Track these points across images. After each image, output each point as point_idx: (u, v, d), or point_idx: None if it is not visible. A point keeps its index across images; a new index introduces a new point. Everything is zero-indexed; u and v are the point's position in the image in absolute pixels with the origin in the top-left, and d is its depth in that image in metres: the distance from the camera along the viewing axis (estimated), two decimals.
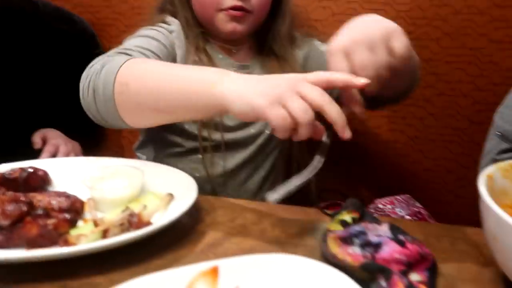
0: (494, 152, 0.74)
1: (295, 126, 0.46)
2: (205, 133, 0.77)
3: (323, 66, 0.79)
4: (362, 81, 0.46)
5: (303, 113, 0.45)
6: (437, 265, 0.41)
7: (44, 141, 0.92)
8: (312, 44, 0.88)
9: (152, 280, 0.37)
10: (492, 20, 0.90)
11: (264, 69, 0.84)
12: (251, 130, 0.82)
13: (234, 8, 0.76)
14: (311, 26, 1.00)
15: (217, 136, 0.78)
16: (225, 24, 0.78)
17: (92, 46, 1.06)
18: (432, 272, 0.41)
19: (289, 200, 0.65)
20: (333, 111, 0.45)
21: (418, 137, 0.99)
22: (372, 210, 0.88)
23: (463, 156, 0.97)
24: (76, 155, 0.90)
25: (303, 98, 0.45)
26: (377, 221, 0.46)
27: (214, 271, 0.39)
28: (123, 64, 0.57)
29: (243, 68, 0.84)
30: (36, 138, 0.92)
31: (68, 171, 0.65)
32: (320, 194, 1.04)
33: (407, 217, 0.86)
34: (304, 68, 0.85)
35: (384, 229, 0.42)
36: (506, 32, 0.90)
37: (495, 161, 0.74)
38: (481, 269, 0.45)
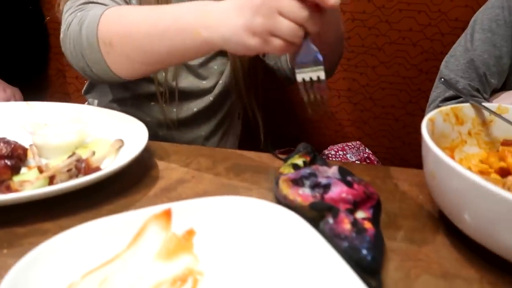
0: (439, 100, 0.78)
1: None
2: (160, 79, 0.75)
3: None
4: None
5: (294, 35, 0.45)
6: (381, 203, 0.44)
7: None
8: None
9: (103, 224, 0.36)
10: (422, 51, 0.92)
11: None
12: (205, 83, 0.80)
13: None
14: None
15: (172, 83, 0.75)
16: None
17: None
18: (377, 210, 0.43)
19: (243, 146, 0.65)
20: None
21: (370, 85, 1.02)
22: (324, 157, 0.91)
23: (411, 104, 1.01)
24: (17, 101, 0.84)
25: (285, 16, 0.45)
26: (327, 164, 0.48)
27: (167, 214, 0.39)
28: (99, 19, 0.56)
29: None
30: None
31: (7, 117, 0.60)
32: (274, 141, 1.06)
33: (358, 162, 0.90)
34: None
35: (333, 171, 0.44)
36: (434, 64, 0.93)
37: (439, 108, 0.78)
38: (420, 206, 0.48)
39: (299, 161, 0.48)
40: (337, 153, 0.92)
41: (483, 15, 0.79)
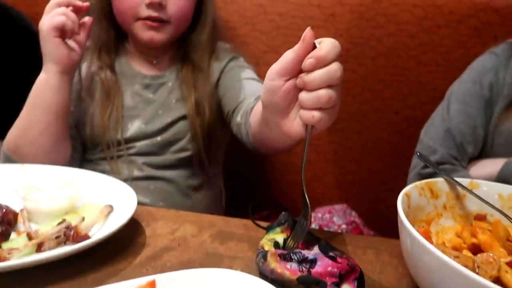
0: (419, 166, 0.81)
1: None
2: (109, 140, 0.82)
3: (230, 84, 0.83)
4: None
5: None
6: (364, 275, 0.45)
7: None
8: (234, 60, 0.89)
9: None
10: (420, 43, 0.99)
11: (178, 77, 0.86)
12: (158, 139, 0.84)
13: (150, 18, 0.79)
14: (256, 37, 1.03)
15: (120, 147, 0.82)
16: (143, 33, 0.81)
17: (35, 43, 1.01)
18: (360, 281, 0.45)
19: (229, 211, 0.66)
20: None
21: (355, 149, 1.06)
22: (312, 219, 0.93)
23: (395, 168, 1.05)
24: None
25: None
26: (309, 242, 0.49)
27: (152, 285, 0.40)
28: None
29: (156, 79, 0.86)
30: None
31: (1, 180, 0.62)
32: (261, 201, 1.08)
33: (344, 226, 0.92)
34: (218, 81, 0.87)
35: (314, 251, 0.46)
36: (432, 56, 0.99)
37: (420, 175, 0.81)
38: (399, 278, 0.49)
39: (279, 238, 0.50)
40: (324, 216, 0.94)
41: (458, 87, 0.85)
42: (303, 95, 0.45)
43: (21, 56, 0.95)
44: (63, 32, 0.69)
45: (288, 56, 0.45)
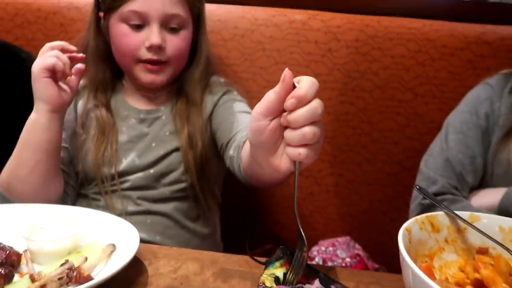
0: (420, 197, 0.82)
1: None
2: (103, 175, 0.83)
3: (224, 118, 0.84)
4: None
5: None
6: None
7: None
8: (228, 93, 0.90)
9: None
10: (416, 76, 1.01)
11: (173, 111, 0.88)
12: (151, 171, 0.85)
13: (151, 61, 0.81)
14: (256, 73, 1.06)
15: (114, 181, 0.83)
16: (144, 76, 0.83)
17: None
18: None
19: (228, 244, 0.66)
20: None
21: (356, 180, 1.06)
22: (315, 253, 0.92)
23: (396, 199, 1.05)
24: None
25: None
26: (308, 276, 0.49)
27: None
28: None
29: (151, 113, 0.88)
30: None
31: (4, 219, 0.62)
32: (261, 235, 1.07)
33: (348, 259, 0.91)
34: (212, 114, 0.88)
35: (316, 285, 0.46)
36: (428, 88, 1.01)
37: (421, 205, 0.81)
38: None
39: (279, 272, 0.50)
40: (327, 249, 0.93)
41: (455, 118, 0.86)
42: (288, 134, 0.46)
43: (27, 96, 0.97)
44: (53, 73, 0.72)
45: (270, 97, 0.47)
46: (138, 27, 0.80)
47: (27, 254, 0.54)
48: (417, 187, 0.62)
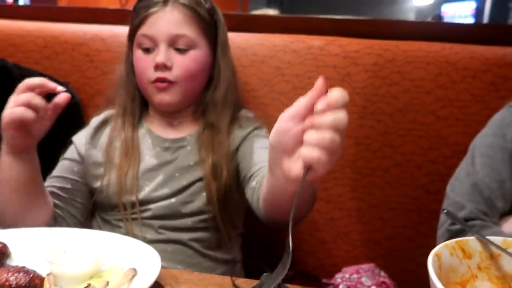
0: (447, 223, 0.79)
1: None
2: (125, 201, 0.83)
3: (250, 151, 0.85)
4: None
5: None
6: None
7: None
8: (257, 129, 0.90)
9: None
10: (437, 99, 1.00)
11: (198, 141, 0.87)
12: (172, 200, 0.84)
13: (158, 79, 0.83)
14: (275, 98, 1.07)
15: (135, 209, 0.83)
16: (154, 96, 0.85)
17: (70, 115, 1.06)
18: None
19: (250, 274, 0.65)
20: None
21: (378, 205, 1.04)
22: (339, 280, 0.89)
23: (422, 225, 1.02)
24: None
25: None
26: None
27: None
28: None
29: (176, 142, 0.88)
30: None
31: (28, 243, 0.63)
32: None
33: (373, 287, 0.88)
34: (239, 147, 0.87)
35: None
36: (450, 110, 1.00)
37: (449, 231, 0.79)
38: None
39: None
40: (351, 276, 0.90)
41: (480, 142, 0.84)
42: (309, 133, 0.48)
43: (54, 127, 0.99)
44: (22, 124, 0.68)
45: (301, 101, 0.50)
46: (149, 50, 0.84)
47: (50, 277, 0.54)
48: (445, 211, 0.60)
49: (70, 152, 0.91)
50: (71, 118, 1.07)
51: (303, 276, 0.97)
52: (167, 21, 0.82)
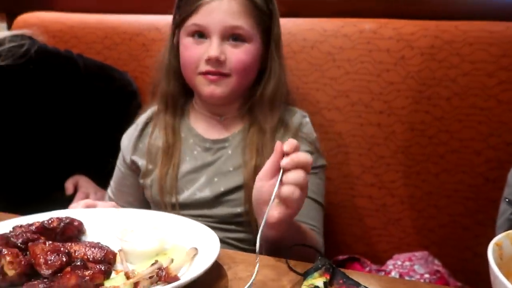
0: (509, 212, 0.76)
1: None
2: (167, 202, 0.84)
3: None
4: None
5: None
6: None
7: (76, 188, 0.98)
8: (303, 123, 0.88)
9: None
10: (500, 82, 0.95)
11: (241, 143, 0.85)
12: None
13: (209, 72, 0.79)
14: (325, 83, 1.06)
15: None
16: (204, 87, 0.81)
17: (128, 102, 1.13)
18: None
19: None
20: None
21: (433, 192, 1.01)
22: (391, 267, 0.89)
23: (480, 213, 0.98)
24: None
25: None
26: (351, 281, 0.49)
27: None
28: None
29: (217, 143, 0.86)
30: (69, 184, 0.98)
31: (100, 222, 0.69)
32: (333, 247, 1.05)
33: (427, 275, 0.87)
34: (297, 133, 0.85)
35: None
36: None
37: (510, 221, 0.75)
38: None
39: (319, 282, 0.50)
40: (404, 264, 0.89)
41: None
42: (287, 175, 0.60)
43: (114, 113, 1.07)
44: None
45: (267, 164, 0.63)
46: (200, 40, 0.80)
47: (121, 253, 0.59)
48: (507, 200, 0.58)
49: (120, 162, 0.93)
50: (130, 105, 1.14)
51: (354, 260, 0.98)
52: (223, 11, 0.78)
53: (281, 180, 0.60)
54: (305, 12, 1.11)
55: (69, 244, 0.59)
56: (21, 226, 0.62)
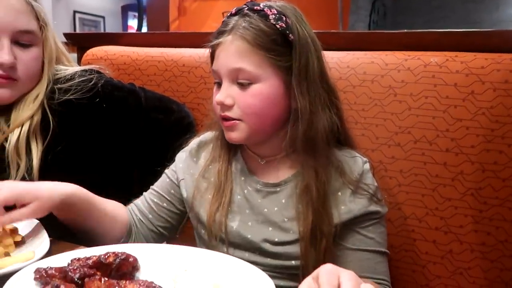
0: None
1: None
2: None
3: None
4: None
5: None
6: None
7: None
8: (372, 202, 0.80)
9: None
10: None
11: (296, 191, 0.79)
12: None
13: (223, 118, 0.78)
14: (386, 118, 1.02)
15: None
16: (225, 132, 0.81)
17: (185, 134, 1.14)
18: None
19: None
20: None
21: (509, 241, 0.91)
22: None
23: None
24: None
25: None
26: None
27: None
28: None
29: (268, 187, 0.82)
30: None
31: (154, 258, 0.68)
32: None
33: None
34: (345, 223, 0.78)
35: None
36: None
37: None
38: None
39: None
40: None
41: None
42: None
43: (171, 144, 1.08)
44: None
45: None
46: (219, 85, 0.79)
47: None
48: None
49: (171, 171, 0.92)
50: (186, 136, 1.15)
51: None
52: (227, 53, 0.76)
53: None
54: (366, 46, 1.09)
55: (124, 282, 0.58)
56: (78, 259, 0.63)
